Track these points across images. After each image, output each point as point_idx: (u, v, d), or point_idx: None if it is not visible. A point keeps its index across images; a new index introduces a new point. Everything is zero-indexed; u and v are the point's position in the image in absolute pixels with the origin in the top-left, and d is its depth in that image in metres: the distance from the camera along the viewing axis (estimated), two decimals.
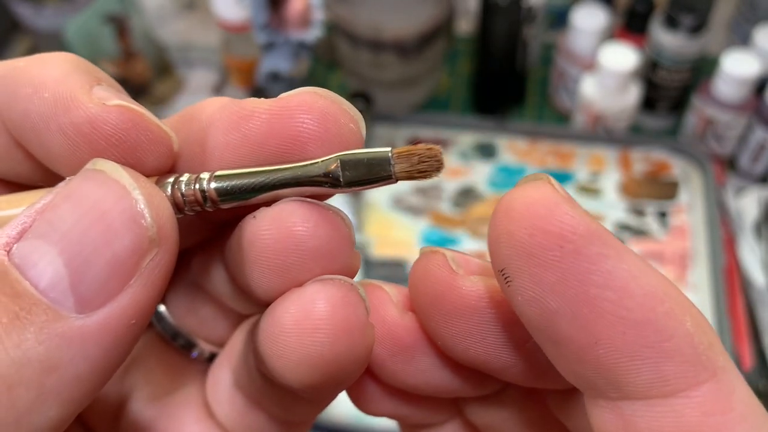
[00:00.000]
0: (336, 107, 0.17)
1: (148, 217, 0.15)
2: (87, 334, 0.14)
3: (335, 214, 0.17)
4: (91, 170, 0.15)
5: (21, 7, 0.81)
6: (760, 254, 0.69)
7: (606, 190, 0.76)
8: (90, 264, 0.14)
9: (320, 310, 0.16)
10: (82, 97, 0.16)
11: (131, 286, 0.15)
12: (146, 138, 0.16)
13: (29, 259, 0.14)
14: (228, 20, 0.81)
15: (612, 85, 0.74)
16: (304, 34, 0.74)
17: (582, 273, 0.14)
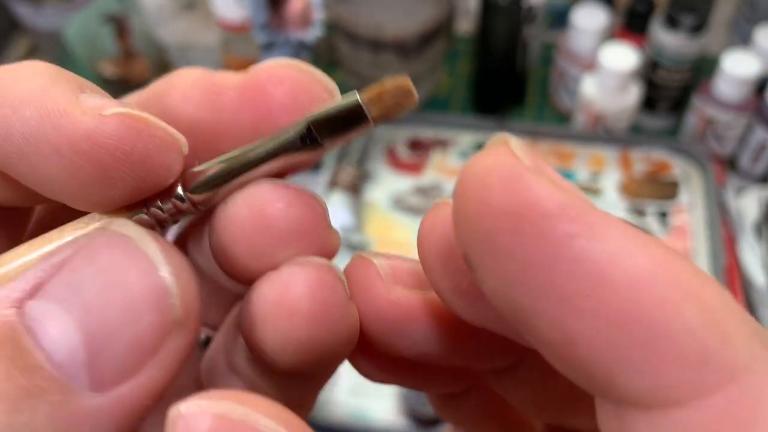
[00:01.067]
0: (307, 77, 0.16)
1: (176, 297, 0.14)
2: (100, 414, 0.13)
3: (308, 194, 0.16)
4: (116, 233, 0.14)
5: (20, 7, 0.80)
6: (761, 254, 0.69)
7: (606, 190, 0.76)
8: (109, 342, 0.13)
9: (296, 292, 0.15)
10: (73, 110, 0.14)
11: (150, 366, 0.14)
12: (154, 146, 0.15)
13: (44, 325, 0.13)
14: (228, 20, 0.81)
15: (612, 85, 0.74)
16: (304, 34, 0.74)
17: (547, 260, 0.11)
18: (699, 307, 0.11)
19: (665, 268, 0.11)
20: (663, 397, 0.11)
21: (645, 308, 0.11)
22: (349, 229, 0.72)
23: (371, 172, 0.78)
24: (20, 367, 0.12)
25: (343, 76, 0.90)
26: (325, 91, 0.16)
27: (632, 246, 0.11)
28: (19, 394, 0.12)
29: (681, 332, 0.11)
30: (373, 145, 0.80)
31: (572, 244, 0.11)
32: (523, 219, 0.11)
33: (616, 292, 0.11)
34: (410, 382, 0.20)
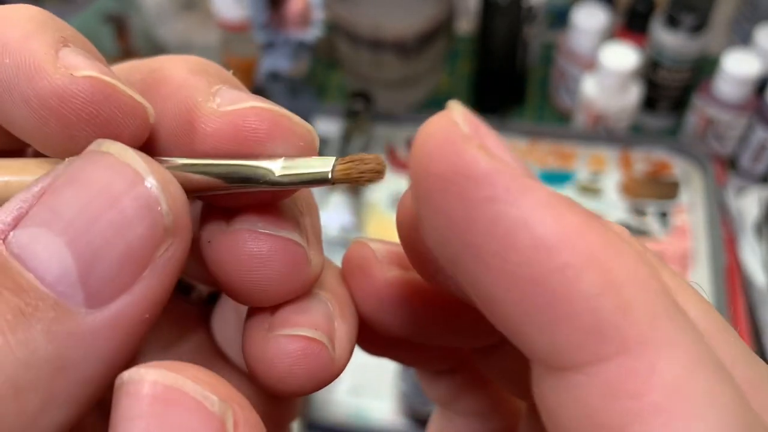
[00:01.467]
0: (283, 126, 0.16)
1: (165, 205, 0.14)
2: (98, 331, 0.13)
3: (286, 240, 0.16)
4: (96, 152, 0.14)
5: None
6: (761, 254, 0.69)
7: (606, 190, 0.76)
8: (101, 256, 0.13)
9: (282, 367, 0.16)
10: (47, 66, 0.14)
11: (144, 278, 0.14)
12: (120, 111, 0.15)
13: (30, 250, 0.13)
14: (227, 20, 0.81)
15: (612, 84, 0.73)
16: (304, 34, 0.74)
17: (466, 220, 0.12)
18: (600, 275, 0.11)
19: (575, 236, 0.11)
20: (562, 359, 0.11)
21: (547, 272, 0.11)
22: (349, 229, 0.72)
23: None
24: (10, 288, 0.12)
25: (343, 76, 0.90)
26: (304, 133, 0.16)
27: (545, 212, 0.11)
28: (13, 314, 0.12)
29: (579, 298, 0.11)
30: (373, 145, 0.80)
31: (489, 207, 0.12)
32: (449, 181, 0.12)
33: (523, 254, 0.11)
34: (402, 357, 0.21)
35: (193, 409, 0.12)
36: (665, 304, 0.11)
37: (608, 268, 0.11)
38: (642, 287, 0.11)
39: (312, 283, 0.17)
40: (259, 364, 0.17)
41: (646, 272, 0.12)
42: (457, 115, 0.13)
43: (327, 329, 0.17)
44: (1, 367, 0.12)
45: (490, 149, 0.12)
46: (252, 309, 0.18)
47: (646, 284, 0.11)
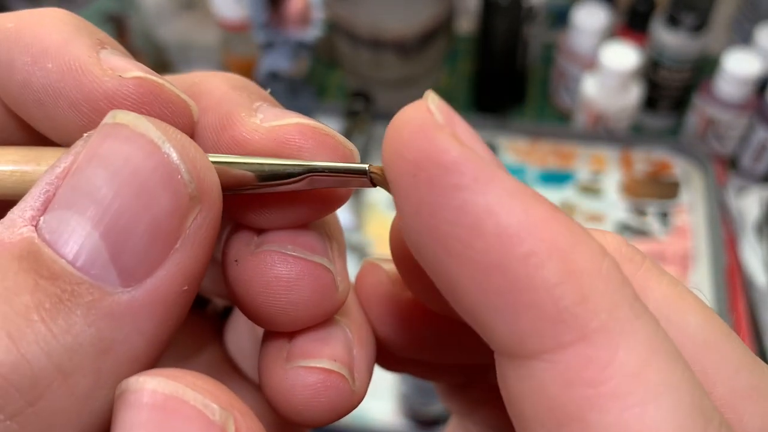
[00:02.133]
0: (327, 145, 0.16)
1: (185, 171, 0.13)
2: (137, 308, 0.13)
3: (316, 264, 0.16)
4: (111, 125, 0.13)
5: (19, 7, 0.80)
6: (762, 254, 0.69)
7: (607, 189, 0.76)
8: (129, 232, 0.13)
9: (300, 398, 0.16)
10: (94, 69, 0.14)
11: (177, 250, 0.13)
12: (168, 110, 0.15)
13: (60, 234, 0.13)
14: (227, 19, 0.81)
15: (613, 84, 0.73)
16: (304, 34, 0.74)
17: (433, 206, 0.12)
18: (563, 265, 0.11)
19: (539, 225, 0.12)
20: (522, 347, 0.12)
21: (510, 260, 0.11)
22: (349, 229, 0.72)
23: None
24: (46, 276, 0.12)
25: (343, 76, 0.90)
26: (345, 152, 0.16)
27: (511, 201, 0.12)
28: (51, 302, 0.12)
29: (540, 287, 0.11)
30: (372, 145, 0.80)
31: (456, 194, 0.12)
32: (419, 167, 0.12)
33: (487, 242, 0.12)
34: (419, 372, 0.21)
35: (194, 418, 0.12)
36: (625, 294, 0.12)
37: (570, 258, 0.12)
38: (602, 278, 0.12)
39: (337, 310, 0.17)
40: (278, 395, 0.16)
41: (608, 263, 0.12)
42: (431, 104, 0.13)
43: (347, 360, 0.17)
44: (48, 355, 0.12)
45: (462, 138, 0.12)
46: (269, 333, 0.17)
47: (608, 275, 0.12)
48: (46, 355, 0.12)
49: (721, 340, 0.14)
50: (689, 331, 0.13)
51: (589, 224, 0.73)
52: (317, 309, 0.16)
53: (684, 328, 0.13)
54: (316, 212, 0.17)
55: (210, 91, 0.16)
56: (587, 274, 0.11)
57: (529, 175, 0.78)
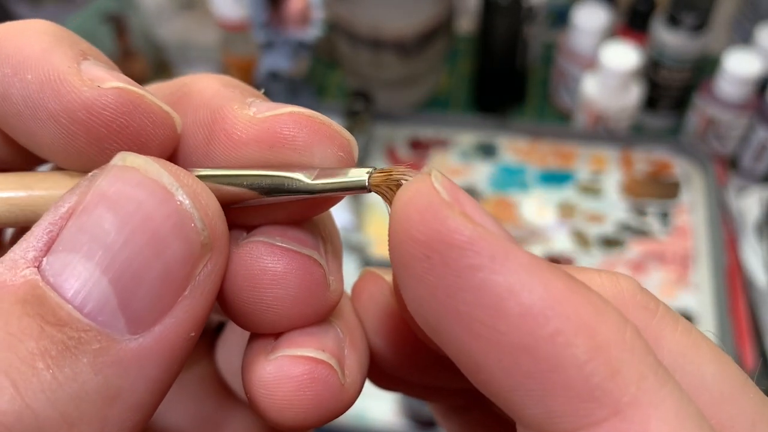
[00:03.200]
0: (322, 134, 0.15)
1: (198, 219, 0.13)
2: (145, 356, 0.13)
3: (306, 257, 0.15)
4: (121, 167, 0.13)
5: (19, 7, 0.80)
6: (762, 254, 0.69)
7: (607, 189, 0.76)
8: (139, 279, 0.12)
9: (286, 390, 0.15)
10: (73, 80, 0.14)
11: (186, 297, 0.13)
12: (149, 121, 0.15)
13: (66, 278, 0.12)
14: (227, 19, 0.81)
15: (613, 84, 0.73)
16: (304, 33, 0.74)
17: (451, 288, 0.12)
18: (590, 340, 0.11)
19: (561, 302, 0.12)
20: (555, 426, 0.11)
21: (538, 340, 0.11)
22: (349, 229, 0.72)
23: None
24: (52, 323, 0.12)
25: (342, 76, 0.90)
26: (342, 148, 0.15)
27: (531, 279, 0.12)
28: (57, 350, 0.12)
29: (570, 365, 0.11)
30: (373, 145, 0.80)
31: (474, 275, 0.12)
32: (433, 248, 0.12)
33: (511, 322, 0.11)
34: (415, 392, 0.20)
35: None
36: (650, 363, 0.12)
37: (597, 332, 0.11)
38: (628, 348, 0.12)
39: (329, 311, 0.16)
40: (259, 390, 0.15)
41: (630, 332, 0.12)
42: (436, 181, 0.13)
43: (336, 352, 0.16)
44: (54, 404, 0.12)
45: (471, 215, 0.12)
46: (256, 336, 0.17)
47: (632, 345, 0.12)
48: (52, 403, 0.12)
49: (737, 391, 0.13)
50: (705, 383, 0.13)
51: (589, 224, 0.73)
52: (305, 307, 0.15)
53: (700, 379, 0.13)
54: (309, 210, 0.16)
55: (201, 90, 0.16)
56: (614, 347, 0.11)
57: (529, 175, 0.78)
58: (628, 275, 0.15)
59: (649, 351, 0.12)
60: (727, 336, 0.63)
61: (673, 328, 0.14)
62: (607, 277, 0.15)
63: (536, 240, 0.72)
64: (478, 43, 0.80)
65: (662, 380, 0.12)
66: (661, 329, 0.14)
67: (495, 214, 0.74)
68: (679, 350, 0.14)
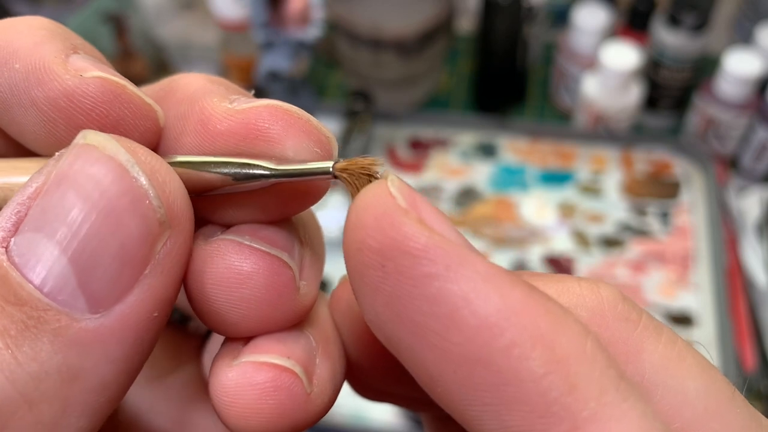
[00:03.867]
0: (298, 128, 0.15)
1: (154, 196, 0.13)
2: (106, 335, 0.13)
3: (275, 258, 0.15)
4: (81, 145, 0.13)
5: (19, 6, 0.80)
6: (762, 254, 0.69)
7: (607, 189, 0.76)
8: (97, 258, 0.12)
9: (248, 398, 0.15)
10: (57, 68, 0.14)
11: (146, 276, 0.13)
12: (130, 112, 0.15)
13: (29, 258, 0.12)
14: (227, 19, 0.81)
15: (613, 84, 0.73)
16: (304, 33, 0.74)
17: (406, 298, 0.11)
18: (547, 353, 0.11)
19: (518, 312, 0.11)
20: None
21: (493, 352, 0.11)
22: None
23: None
24: (12, 302, 0.12)
25: (342, 76, 0.90)
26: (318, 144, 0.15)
27: (487, 288, 0.11)
28: (17, 329, 0.12)
29: (526, 379, 0.11)
30: (373, 145, 0.80)
31: (429, 284, 0.11)
32: (387, 256, 0.12)
33: (466, 333, 0.11)
34: (402, 403, 0.19)
35: None
36: (610, 376, 0.11)
37: (555, 345, 0.11)
38: (588, 361, 0.11)
39: (299, 317, 0.16)
40: (221, 396, 0.15)
41: (591, 344, 0.11)
42: (392, 187, 0.12)
43: (304, 361, 0.15)
44: (13, 383, 0.12)
45: (428, 222, 0.12)
46: (227, 340, 0.16)
47: (593, 357, 0.11)
48: (11, 383, 0.12)
49: (723, 406, 0.13)
50: (689, 398, 0.13)
51: (589, 224, 0.73)
52: (272, 310, 0.15)
53: (683, 394, 0.13)
54: (285, 206, 0.16)
55: (186, 85, 0.16)
56: (573, 360, 0.11)
57: (529, 175, 0.77)
58: (609, 284, 0.14)
59: (610, 364, 0.11)
60: (727, 336, 0.63)
61: (656, 339, 0.14)
62: (588, 287, 0.14)
63: (536, 240, 0.72)
64: (478, 43, 0.80)
65: (624, 394, 0.11)
66: (643, 341, 0.14)
67: (495, 214, 0.74)
68: (661, 363, 0.13)
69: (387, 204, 0.12)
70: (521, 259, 0.71)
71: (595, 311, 0.14)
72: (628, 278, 0.69)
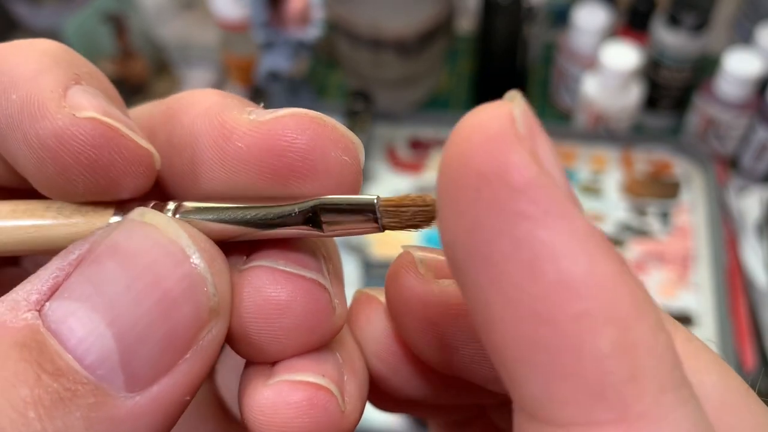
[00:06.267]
0: (325, 137, 0.14)
1: (212, 285, 0.13)
2: (138, 415, 0.12)
3: (310, 281, 0.15)
4: (140, 223, 0.13)
5: (19, 6, 0.80)
6: (763, 254, 0.69)
7: (608, 189, 0.76)
8: (144, 338, 0.12)
9: (284, 416, 0.14)
10: (50, 105, 0.14)
11: (186, 360, 0.13)
12: (121, 157, 0.14)
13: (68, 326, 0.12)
14: (227, 19, 0.81)
15: (613, 84, 0.73)
16: (304, 33, 0.74)
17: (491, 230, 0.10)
18: (619, 334, 0.10)
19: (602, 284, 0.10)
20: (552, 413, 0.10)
21: (564, 315, 0.10)
22: None
23: (371, 171, 0.78)
24: (49, 371, 0.12)
25: (342, 76, 0.90)
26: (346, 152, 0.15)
27: (579, 249, 0.10)
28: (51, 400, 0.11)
29: (589, 354, 0.10)
30: (373, 145, 0.79)
31: (521, 223, 0.10)
32: (486, 182, 0.10)
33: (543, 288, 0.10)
34: (415, 412, 0.19)
35: None
36: (674, 377, 0.11)
37: (630, 328, 0.10)
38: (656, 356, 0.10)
39: (333, 337, 0.15)
40: (257, 416, 0.15)
41: (664, 341, 0.11)
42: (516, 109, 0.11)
43: (336, 378, 0.15)
44: None
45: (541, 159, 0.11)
46: None
47: (662, 354, 0.11)
48: None
49: (738, 400, 0.13)
50: (706, 392, 0.13)
51: None
52: (311, 335, 0.15)
53: (701, 388, 0.12)
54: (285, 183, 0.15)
55: (199, 101, 0.15)
56: (642, 350, 0.10)
57: None
58: None
59: (677, 365, 0.11)
60: (727, 336, 0.63)
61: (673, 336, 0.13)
62: None
63: None
64: (478, 43, 0.80)
65: (683, 399, 0.10)
66: None
67: None
68: None
69: (504, 126, 0.11)
70: None
71: None
72: None
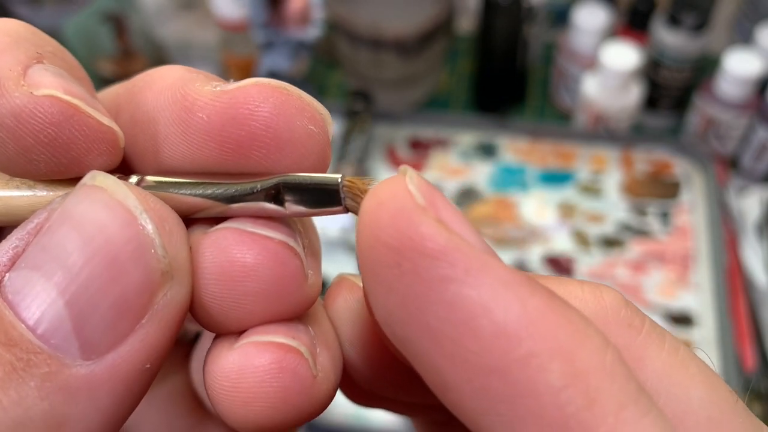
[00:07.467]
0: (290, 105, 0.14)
1: (160, 247, 0.13)
2: (96, 383, 0.12)
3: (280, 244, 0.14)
4: (90, 187, 0.13)
5: (19, 7, 0.80)
6: (763, 254, 0.69)
7: (607, 189, 0.76)
8: (95, 304, 0.12)
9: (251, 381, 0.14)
10: (8, 83, 0.13)
11: (143, 326, 0.13)
12: (82, 135, 0.14)
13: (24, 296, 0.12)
14: (227, 19, 0.81)
15: (613, 84, 0.73)
16: (304, 33, 0.74)
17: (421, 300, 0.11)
18: (567, 366, 0.10)
19: (538, 322, 0.11)
20: None
21: (510, 362, 0.10)
22: (349, 229, 0.72)
23: (371, 171, 0.78)
24: (2, 342, 0.12)
25: (342, 76, 0.90)
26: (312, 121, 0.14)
27: (507, 295, 0.11)
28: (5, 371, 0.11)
29: (543, 392, 0.10)
30: (373, 145, 0.79)
31: (447, 287, 0.11)
32: (404, 256, 0.11)
33: (483, 342, 0.11)
34: (393, 408, 0.19)
35: None
36: (630, 390, 0.11)
37: (575, 357, 0.11)
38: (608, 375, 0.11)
39: (306, 308, 0.15)
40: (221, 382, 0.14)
41: (611, 356, 0.11)
42: (411, 183, 0.12)
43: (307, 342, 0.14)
44: None
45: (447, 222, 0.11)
46: None
47: (612, 371, 0.11)
48: None
49: (726, 416, 0.13)
50: (692, 407, 0.13)
51: (589, 224, 0.73)
52: (280, 303, 0.14)
53: (687, 402, 0.13)
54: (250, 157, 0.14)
55: (164, 75, 0.15)
56: (593, 374, 0.11)
57: (529, 175, 0.77)
58: (612, 287, 0.14)
59: (630, 377, 0.11)
60: (727, 336, 0.63)
61: (659, 346, 0.13)
62: (590, 291, 0.14)
63: (536, 240, 0.72)
64: (478, 43, 0.80)
65: (644, 409, 0.11)
66: (646, 348, 0.13)
67: (495, 214, 0.74)
68: (664, 371, 0.13)
69: (404, 201, 0.11)
70: (521, 260, 0.71)
71: (597, 317, 0.13)
72: (628, 278, 0.69)
